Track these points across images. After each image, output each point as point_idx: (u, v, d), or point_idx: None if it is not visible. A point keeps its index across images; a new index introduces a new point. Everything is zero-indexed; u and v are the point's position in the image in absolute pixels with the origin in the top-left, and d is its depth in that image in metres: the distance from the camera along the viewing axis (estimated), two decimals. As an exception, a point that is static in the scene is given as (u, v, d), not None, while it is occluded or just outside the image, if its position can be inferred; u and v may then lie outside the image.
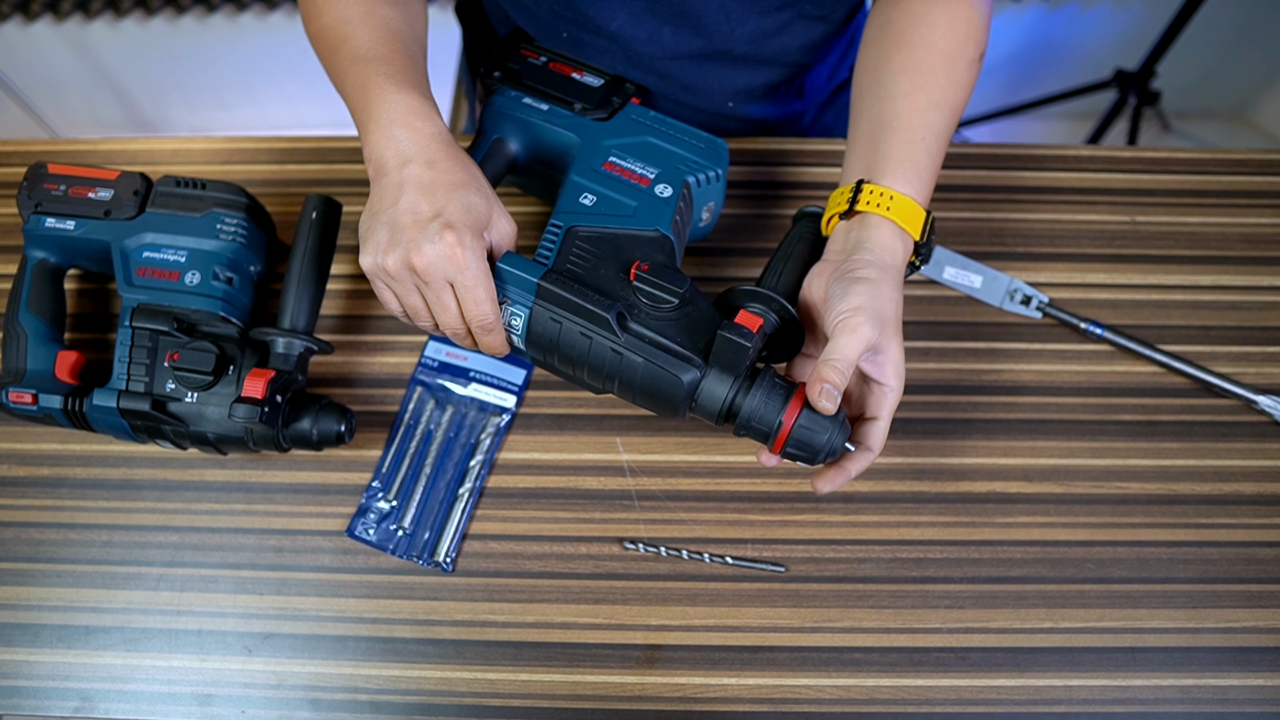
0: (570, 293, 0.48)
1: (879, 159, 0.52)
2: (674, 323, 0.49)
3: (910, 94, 0.53)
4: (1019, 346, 0.64)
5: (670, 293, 0.48)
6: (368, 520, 0.59)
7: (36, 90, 1.65)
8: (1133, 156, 0.70)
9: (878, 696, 0.54)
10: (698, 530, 0.58)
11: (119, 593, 0.58)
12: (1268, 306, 0.65)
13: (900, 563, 0.58)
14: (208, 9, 1.53)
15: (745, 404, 0.47)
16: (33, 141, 0.73)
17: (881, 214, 0.50)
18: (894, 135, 0.53)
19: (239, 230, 0.58)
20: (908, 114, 0.53)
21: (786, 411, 0.47)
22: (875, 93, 0.55)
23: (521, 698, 0.55)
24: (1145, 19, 1.54)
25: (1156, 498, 0.59)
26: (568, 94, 0.61)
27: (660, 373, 0.47)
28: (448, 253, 0.46)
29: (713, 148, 0.59)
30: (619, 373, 0.48)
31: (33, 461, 0.61)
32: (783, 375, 0.49)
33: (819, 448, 0.47)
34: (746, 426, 0.48)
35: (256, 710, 0.55)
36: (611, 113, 0.60)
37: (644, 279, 0.49)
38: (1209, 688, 0.55)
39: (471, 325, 0.49)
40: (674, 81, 0.68)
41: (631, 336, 0.48)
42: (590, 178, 0.56)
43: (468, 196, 0.48)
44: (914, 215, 0.51)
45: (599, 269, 0.50)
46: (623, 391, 0.50)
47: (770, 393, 0.47)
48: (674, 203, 0.55)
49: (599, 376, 0.49)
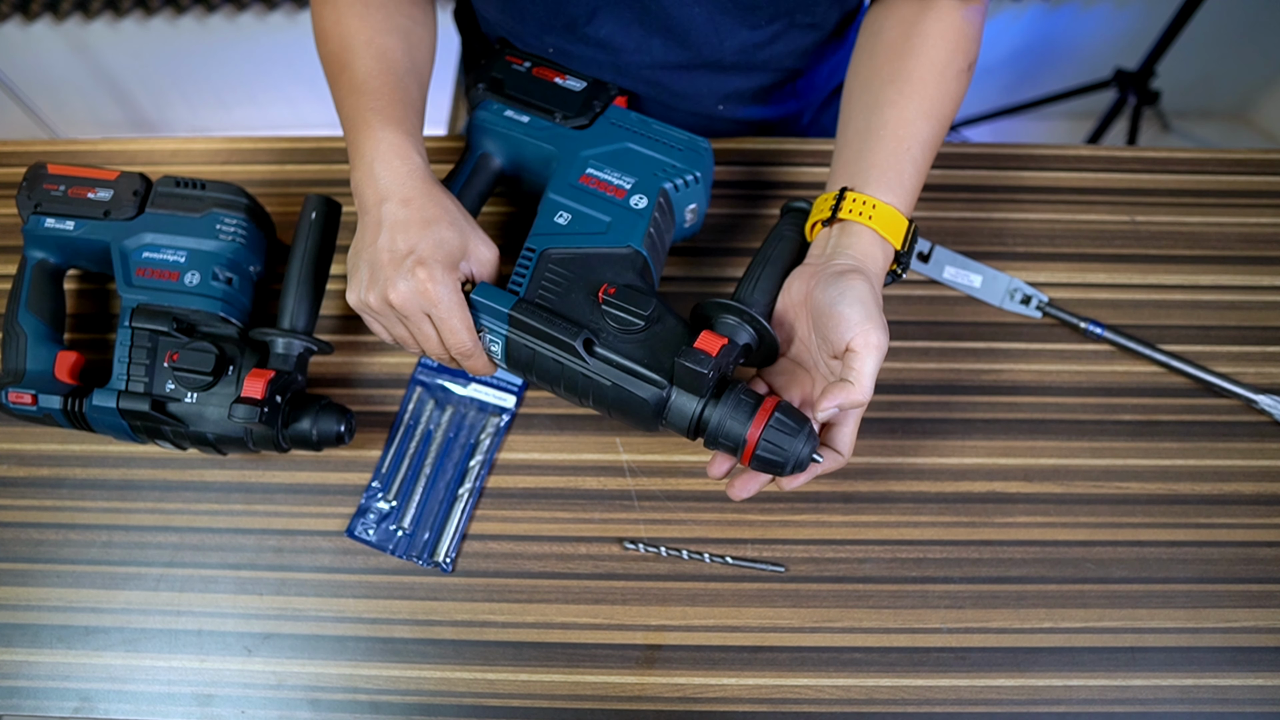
0: (539, 322, 0.50)
1: (863, 167, 0.53)
2: (642, 343, 0.50)
3: (898, 103, 0.54)
4: (1019, 346, 0.64)
5: (636, 315, 0.50)
6: (367, 520, 0.59)
7: (36, 90, 1.65)
8: (1133, 156, 0.70)
9: (878, 696, 0.54)
10: (698, 530, 0.58)
11: (119, 593, 0.58)
12: (1268, 306, 0.65)
13: (900, 563, 0.58)
14: (208, 9, 1.52)
15: (713, 418, 0.49)
16: (32, 141, 0.73)
17: (864, 222, 0.51)
18: (879, 144, 0.53)
19: (239, 230, 0.58)
20: (895, 123, 0.53)
21: (752, 425, 0.48)
22: (863, 100, 0.56)
23: (521, 698, 0.55)
24: (1145, 19, 1.54)
25: (1156, 498, 0.59)
26: (550, 102, 0.61)
27: (627, 394, 0.50)
28: (420, 288, 0.49)
29: (693, 149, 0.58)
30: (591, 393, 0.51)
31: (33, 461, 0.61)
32: (750, 389, 0.50)
33: (786, 460, 0.48)
34: (715, 440, 0.50)
35: (256, 710, 0.55)
36: (592, 119, 0.60)
37: (611, 303, 0.50)
38: (1209, 688, 0.55)
39: (451, 353, 0.52)
40: (664, 89, 0.68)
41: (599, 360, 0.50)
42: (566, 194, 0.56)
43: (439, 232, 0.50)
44: (896, 224, 0.51)
45: (569, 294, 0.52)
46: (598, 408, 0.53)
47: (737, 408, 0.48)
48: (649, 214, 0.55)
49: (574, 395, 0.52)
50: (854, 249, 0.51)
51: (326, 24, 0.58)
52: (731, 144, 0.70)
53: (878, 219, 0.51)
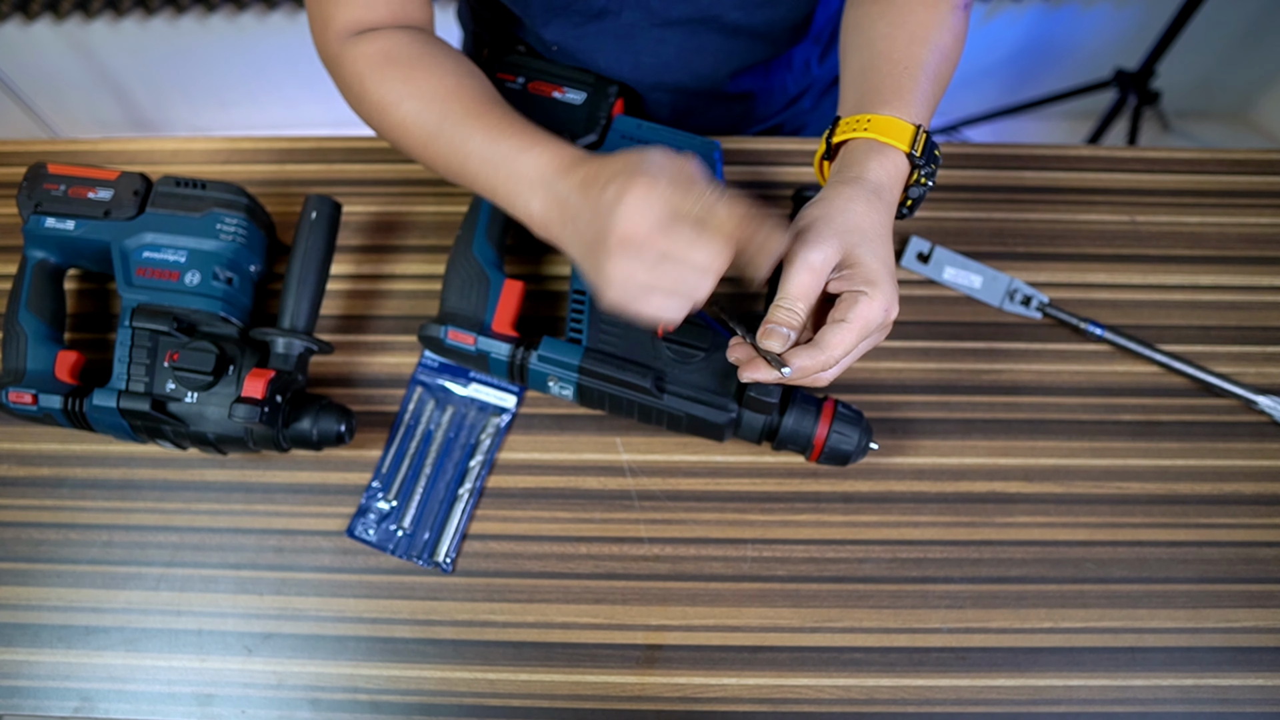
0: (609, 369, 0.54)
1: (861, 96, 0.51)
2: (704, 369, 0.55)
3: (890, 35, 0.52)
4: (1019, 346, 0.64)
5: (696, 348, 0.54)
6: (368, 520, 0.59)
7: (36, 90, 1.65)
8: (1133, 156, 0.70)
9: (878, 696, 0.54)
10: (698, 530, 0.58)
11: (119, 593, 0.58)
12: (1268, 306, 0.65)
13: (900, 563, 0.58)
14: (208, 9, 1.52)
15: (782, 426, 0.54)
16: (33, 141, 0.73)
17: (859, 135, 0.48)
18: (875, 73, 0.51)
19: (239, 230, 0.58)
20: (888, 52, 0.52)
21: (819, 427, 0.54)
22: (856, 42, 0.55)
23: (521, 698, 0.55)
24: (1145, 19, 1.54)
25: (1156, 498, 0.59)
26: (554, 123, 0.60)
27: (699, 420, 0.54)
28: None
29: (706, 155, 0.59)
30: (664, 420, 0.56)
31: (33, 461, 0.61)
32: (808, 393, 0.55)
33: (850, 454, 0.54)
34: (784, 444, 0.55)
35: (256, 710, 0.55)
36: (601, 134, 0.60)
37: (671, 338, 0.54)
38: (1209, 688, 0.55)
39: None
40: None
41: (670, 395, 0.54)
42: None
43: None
44: (896, 130, 0.48)
45: (629, 334, 0.56)
46: (670, 429, 0.58)
47: (803, 413, 0.54)
48: None
49: (647, 421, 0.57)
50: (849, 165, 0.48)
51: (393, 90, 0.54)
52: (732, 144, 0.70)
53: (875, 128, 0.48)
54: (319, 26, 0.57)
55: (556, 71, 0.64)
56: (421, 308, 0.65)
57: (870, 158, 0.48)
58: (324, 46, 0.58)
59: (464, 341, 0.56)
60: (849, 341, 0.44)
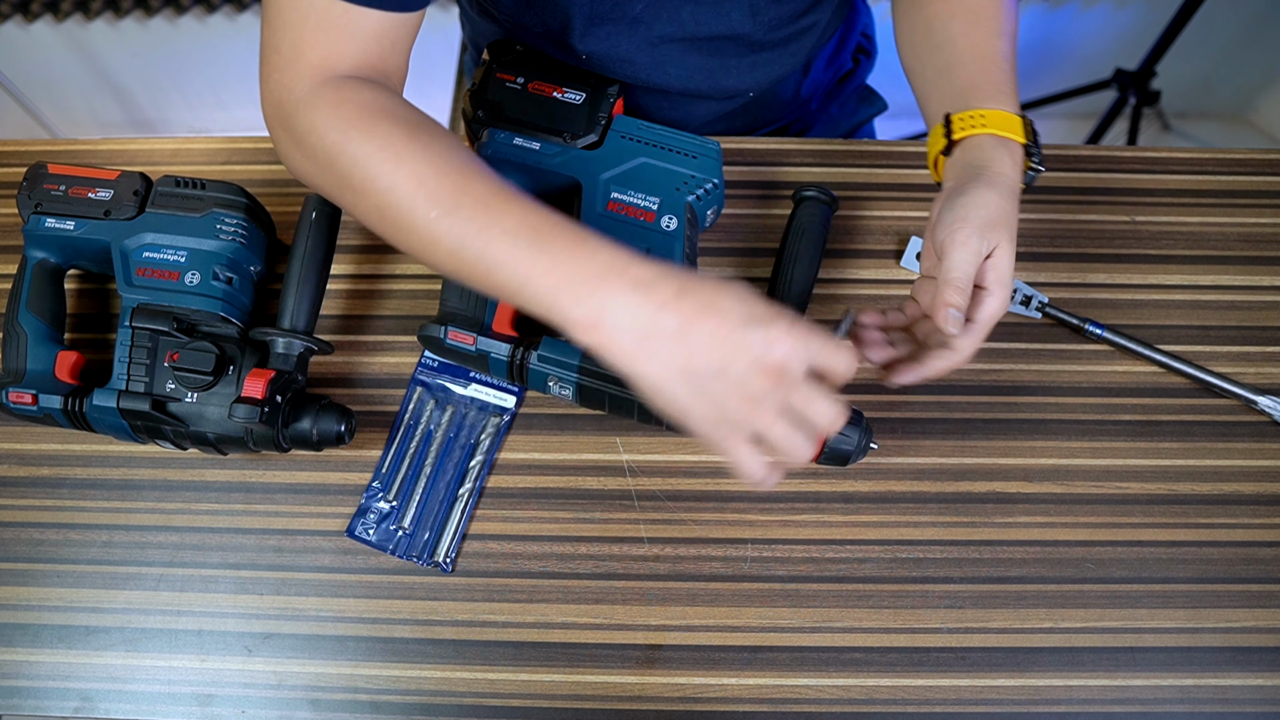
0: (609, 369, 0.53)
1: (957, 92, 0.53)
2: None
3: (968, 32, 0.54)
4: (1019, 346, 0.64)
5: None
6: (368, 520, 0.59)
7: (36, 90, 1.65)
8: (1133, 156, 0.70)
9: (878, 696, 0.54)
10: (697, 530, 0.58)
11: (119, 593, 0.58)
12: (1268, 306, 0.65)
13: (900, 563, 0.58)
14: (208, 9, 1.52)
15: None
16: (33, 141, 0.73)
17: (979, 131, 0.51)
18: (964, 69, 0.54)
19: (239, 230, 0.58)
20: (971, 48, 0.54)
21: None
22: (930, 44, 0.56)
23: (521, 698, 0.55)
24: (1145, 19, 1.54)
25: (1156, 498, 0.59)
26: (554, 122, 0.61)
27: None
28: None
29: (705, 154, 0.60)
30: (665, 419, 0.55)
31: (33, 461, 0.61)
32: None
33: (850, 454, 0.54)
34: None
35: (256, 710, 0.55)
36: (601, 134, 0.60)
37: None
38: (1209, 688, 0.55)
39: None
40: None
41: None
42: (597, 223, 0.57)
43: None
44: (1010, 123, 0.51)
45: None
46: (671, 428, 0.58)
47: None
48: (681, 235, 0.57)
49: (648, 421, 0.57)
50: (978, 160, 0.50)
51: (383, 164, 0.45)
52: (733, 144, 0.70)
53: (991, 123, 0.51)
54: (282, 62, 0.48)
55: (556, 71, 0.64)
56: (421, 308, 0.65)
57: (997, 152, 0.50)
58: (283, 87, 0.48)
59: (464, 341, 0.56)
60: (979, 342, 0.49)
